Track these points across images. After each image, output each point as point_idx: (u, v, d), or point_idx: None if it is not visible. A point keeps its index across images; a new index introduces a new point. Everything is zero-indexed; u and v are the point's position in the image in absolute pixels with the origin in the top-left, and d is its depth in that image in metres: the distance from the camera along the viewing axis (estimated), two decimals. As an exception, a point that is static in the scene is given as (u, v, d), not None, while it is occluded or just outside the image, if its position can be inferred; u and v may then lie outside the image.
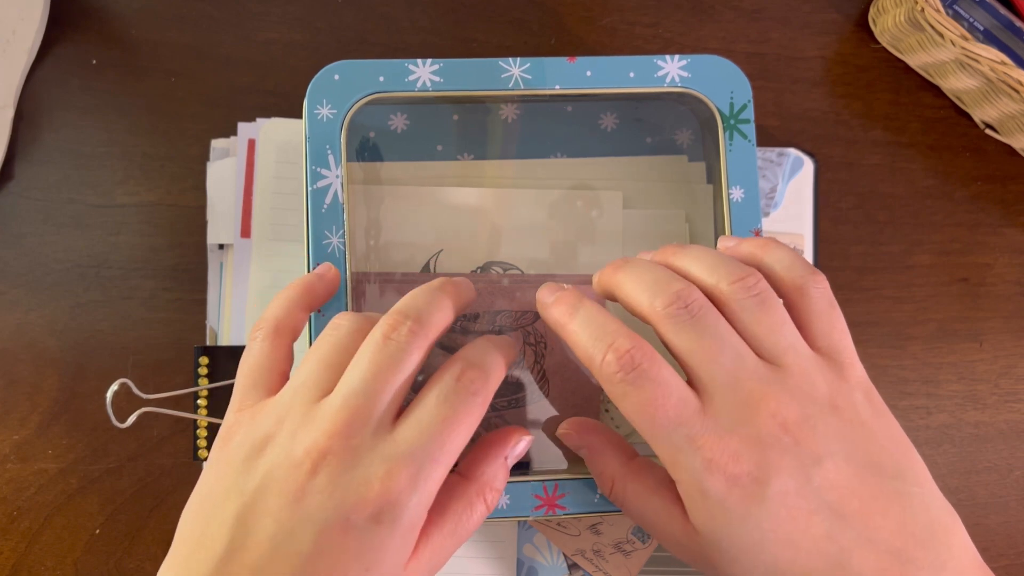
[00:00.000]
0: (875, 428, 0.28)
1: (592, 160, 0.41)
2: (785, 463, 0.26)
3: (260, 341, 0.30)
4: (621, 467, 0.31)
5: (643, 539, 0.41)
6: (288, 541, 0.24)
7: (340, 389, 0.26)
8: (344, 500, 0.25)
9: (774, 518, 0.26)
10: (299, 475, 0.25)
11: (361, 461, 0.25)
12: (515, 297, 0.39)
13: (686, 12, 0.46)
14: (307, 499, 0.25)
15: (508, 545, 0.40)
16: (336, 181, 0.34)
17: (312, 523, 0.24)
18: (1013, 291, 0.45)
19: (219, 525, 0.25)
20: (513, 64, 0.36)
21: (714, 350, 0.27)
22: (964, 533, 0.27)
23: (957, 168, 0.46)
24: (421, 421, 0.26)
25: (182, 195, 0.43)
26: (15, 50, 0.43)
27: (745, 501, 0.26)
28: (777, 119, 0.45)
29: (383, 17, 0.45)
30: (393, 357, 0.27)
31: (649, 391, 0.27)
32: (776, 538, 0.26)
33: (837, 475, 0.26)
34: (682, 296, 0.28)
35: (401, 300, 0.29)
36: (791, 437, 0.26)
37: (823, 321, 0.29)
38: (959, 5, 0.44)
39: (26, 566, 0.41)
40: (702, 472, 0.26)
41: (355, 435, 0.25)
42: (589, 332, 0.29)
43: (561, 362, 0.39)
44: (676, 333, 0.28)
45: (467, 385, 0.27)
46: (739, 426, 0.26)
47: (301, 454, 0.25)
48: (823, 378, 0.28)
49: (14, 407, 0.42)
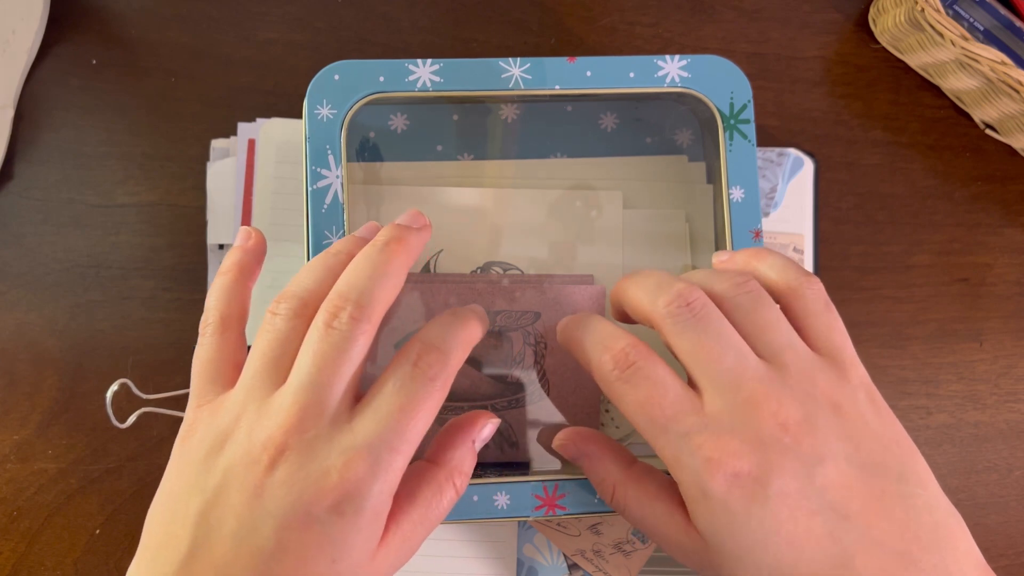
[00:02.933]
0: (878, 429, 0.28)
1: (592, 160, 0.41)
2: (786, 463, 0.26)
3: (209, 336, 0.30)
4: (621, 473, 0.31)
5: (643, 539, 0.41)
6: (250, 537, 0.24)
7: (290, 382, 0.26)
8: (303, 493, 0.24)
9: (775, 518, 0.26)
10: (258, 471, 0.25)
11: (318, 453, 0.25)
12: (515, 297, 0.39)
13: (686, 12, 0.46)
14: (267, 494, 0.25)
15: (508, 545, 0.40)
16: (336, 181, 0.34)
17: (273, 518, 0.24)
18: (1013, 291, 0.45)
19: (182, 524, 0.25)
20: (513, 64, 0.36)
21: (716, 350, 0.27)
22: (968, 536, 0.27)
23: (957, 168, 0.46)
24: (378, 410, 0.26)
25: (182, 195, 0.43)
26: (15, 50, 0.43)
27: (746, 501, 0.26)
28: (777, 119, 0.45)
29: (383, 17, 0.45)
30: (337, 347, 0.26)
31: (646, 389, 0.27)
32: (778, 539, 0.26)
33: (839, 475, 0.26)
34: (683, 295, 0.28)
35: (342, 275, 0.28)
36: (792, 437, 0.26)
37: (820, 322, 0.29)
38: (959, 5, 0.44)
39: (26, 566, 0.41)
40: (702, 471, 0.26)
41: (310, 428, 0.25)
42: (591, 339, 0.29)
43: (561, 362, 0.39)
44: (678, 333, 0.28)
45: (424, 370, 0.27)
46: (740, 426, 0.26)
47: (259, 450, 0.25)
48: (824, 377, 0.28)
49: (14, 407, 0.42)
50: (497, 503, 0.34)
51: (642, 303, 0.29)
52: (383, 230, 0.30)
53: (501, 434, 0.39)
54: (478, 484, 0.34)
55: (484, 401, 0.38)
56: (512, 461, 0.39)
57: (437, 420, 0.39)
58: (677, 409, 0.27)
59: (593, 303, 0.39)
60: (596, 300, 0.39)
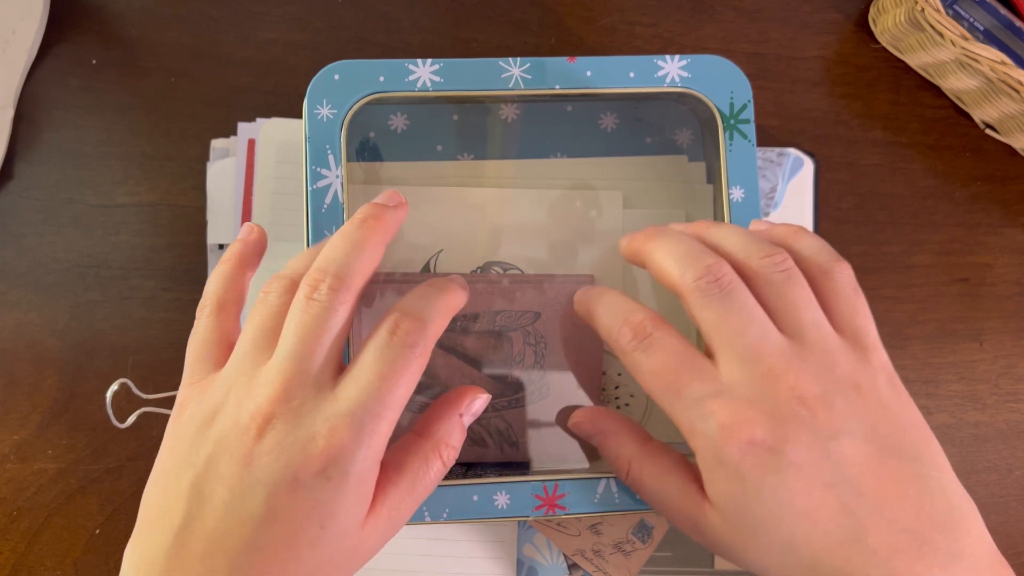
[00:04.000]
0: (896, 411, 0.28)
1: (592, 160, 0.41)
2: (802, 435, 0.26)
3: (205, 317, 0.31)
4: (637, 449, 0.31)
5: (643, 539, 0.41)
6: (241, 505, 0.25)
7: (276, 354, 0.27)
8: (291, 460, 0.25)
9: (789, 489, 0.26)
10: (246, 440, 0.26)
11: (304, 421, 0.26)
12: (515, 297, 0.39)
13: (686, 12, 0.46)
14: (255, 462, 0.25)
15: (508, 545, 0.40)
16: (336, 181, 0.34)
17: (262, 485, 0.25)
18: (1013, 291, 0.45)
19: (176, 497, 0.26)
20: (513, 64, 0.36)
21: (740, 324, 0.27)
22: (981, 521, 0.27)
23: (957, 168, 0.46)
24: (359, 378, 0.27)
25: (182, 195, 0.43)
26: (15, 50, 0.43)
27: (760, 470, 0.26)
28: (777, 119, 0.45)
29: (383, 17, 0.45)
30: (318, 318, 0.27)
31: (662, 357, 0.28)
32: (792, 510, 0.26)
33: (855, 452, 0.26)
34: (713, 270, 0.28)
35: (321, 252, 0.29)
36: (808, 411, 0.26)
37: (847, 305, 0.29)
38: (959, 5, 0.44)
39: (26, 566, 0.41)
40: (718, 439, 0.26)
41: (296, 396, 0.26)
42: (611, 312, 0.30)
43: (561, 362, 0.39)
44: (704, 306, 0.28)
45: (403, 338, 0.27)
46: (756, 396, 0.27)
47: (247, 420, 0.26)
48: (845, 358, 0.28)
49: (14, 407, 0.42)
50: (497, 503, 0.34)
51: (670, 272, 0.29)
52: (360, 209, 0.31)
53: (501, 434, 0.39)
54: (478, 484, 0.34)
55: (484, 401, 0.38)
56: (512, 461, 0.39)
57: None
58: (693, 376, 0.27)
59: (593, 303, 0.39)
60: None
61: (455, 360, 0.39)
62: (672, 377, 0.28)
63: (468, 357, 0.39)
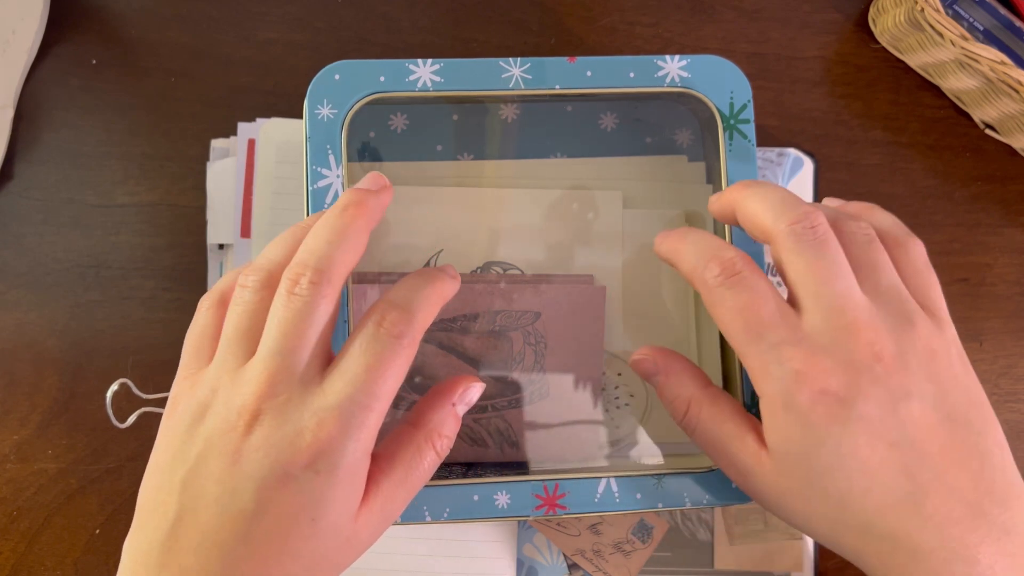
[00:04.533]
0: (965, 384, 0.28)
1: (592, 160, 0.41)
2: (874, 390, 0.26)
3: (204, 311, 0.30)
4: (698, 391, 0.31)
5: (643, 539, 0.41)
6: (232, 501, 0.25)
7: (259, 351, 0.27)
8: (280, 454, 0.25)
9: (854, 443, 0.26)
10: (235, 437, 0.26)
11: (291, 416, 0.26)
12: (514, 298, 0.39)
13: (686, 12, 0.46)
14: (244, 458, 0.25)
15: (508, 545, 0.40)
16: (336, 181, 0.34)
17: (252, 481, 0.25)
18: (1013, 291, 0.45)
19: (168, 492, 0.26)
20: (513, 64, 0.36)
21: (829, 273, 0.28)
22: None
23: (957, 168, 0.46)
24: (347, 371, 0.26)
25: (182, 195, 0.43)
26: (15, 50, 0.43)
27: (828, 420, 0.26)
28: (777, 119, 0.45)
29: (383, 17, 0.45)
30: (300, 312, 0.27)
31: (747, 295, 0.28)
32: (854, 464, 0.26)
33: (923, 415, 0.26)
34: (809, 216, 0.28)
35: (303, 244, 0.29)
36: (884, 368, 0.27)
37: (921, 278, 0.30)
38: (959, 5, 0.44)
39: (26, 566, 0.41)
40: (790, 383, 0.26)
41: (281, 392, 0.26)
42: (697, 248, 0.30)
43: (561, 362, 0.39)
44: (796, 252, 0.28)
45: (389, 329, 0.27)
46: (834, 347, 0.27)
47: (235, 417, 0.26)
48: (922, 325, 0.28)
49: (14, 407, 0.42)
50: (497, 503, 0.34)
51: (764, 218, 0.29)
52: (343, 195, 0.30)
53: (501, 434, 0.39)
54: (478, 484, 0.34)
55: (484, 401, 0.38)
56: (512, 461, 0.39)
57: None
58: (775, 319, 0.27)
59: (593, 303, 0.39)
60: (596, 300, 0.39)
61: (455, 360, 0.39)
62: (754, 318, 0.27)
63: (468, 357, 0.39)
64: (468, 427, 0.39)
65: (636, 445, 0.39)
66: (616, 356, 0.39)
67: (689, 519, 0.41)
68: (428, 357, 0.38)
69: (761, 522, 0.41)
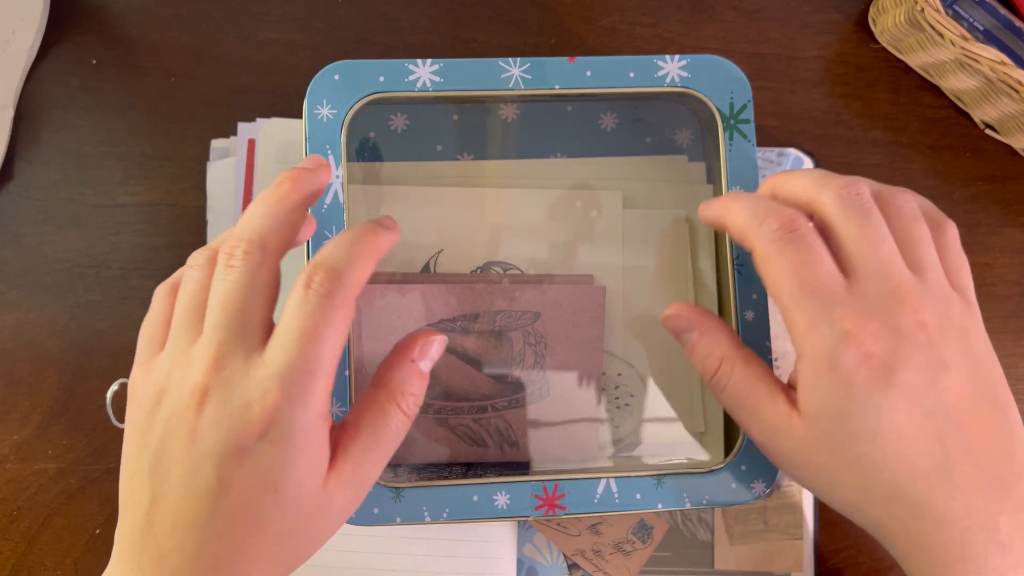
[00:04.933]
0: (991, 366, 0.29)
1: (592, 160, 0.41)
2: (916, 358, 0.27)
3: (159, 300, 0.31)
4: (732, 349, 0.31)
5: (643, 539, 0.41)
6: (195, 480, 0.26)
7: (204, 327, 0.27)
8: (232, 429, 0.26)
9: (893, 408, 0.27)
10: (189, 417, 0.26)
11: (237, 390, 0.26)
12: (515, 297, 0.39)
13: (686, 12, 0.46)
14: (200, 436, 0.26)
15: (508, 545, 0.40)
16: (336, 181, 0.34)
17: (210, 458, 0.26)
18: (1013, 291, 0.45)
19: (140, 480, 0.27)
20: (513, 64, 0.36)
21: (876, 239, 0.28)
22: None
23: (957, 168, 0.46)
24: (283, 338, 0.26)
25: (182, 195, 0.43)
26: (15, 50, 0.43)
27: (870, 383, 0.27)
28: (777, 119, 0.45)
29: (383, 17, 0.45)
30: (236, 283, 0.27)
31: (804, 251, 0.28)
32: (890, 429, 0.27)
33: (958, 387, 0.27)
34: (856, 184, 0.29)
35: (239, 220, 0.29)
36: (926, 336, 0.27)
37: (955, 260, 0.30)
38: (959, 5, 0.44)
39: (26, 566, 0.41)
40: (838, 343, 0.27)
41: (227, 366, 0.26)
42: (753, 208, 0.30)
43: (561, 361, 0.39)
44: (843, 216, 0.29)
45: (317, 290, 0.27)
46: (881, 312, 0.27)
47: (187, 397, 0.26)
48: (957, 303, 0.29)
49: (14, 407, 0.42)
50: (497, 503, 0.34)
51: (807, 190, 0.30)
52: (280, 173, 0.30)
53: (501, 434, 0.39)
54: (478, 484, 0.34)
55: (484, 401, 0.38)
56: (512, 461, 0.39)
57: (438, 420, 0.39)
58: (828, 279, 0.28)
59: (593, 303, 0.39)
60: (596, 300, 0.39)
61: (455, 360, 0.39)
62: (810, 275, 0.28)
63: (468, 357, 0.39)
64: (468, 427, 0.39)
65: (636, 445, 0.39)
66: (616, 356, 0.39)
67: (689, 519, 0.41)
68: (428, 357, 0.38)
69: (761, 522, 0.41)
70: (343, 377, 0.34)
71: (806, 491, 0.42)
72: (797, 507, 0.41)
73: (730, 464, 0.35)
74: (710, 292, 0.39)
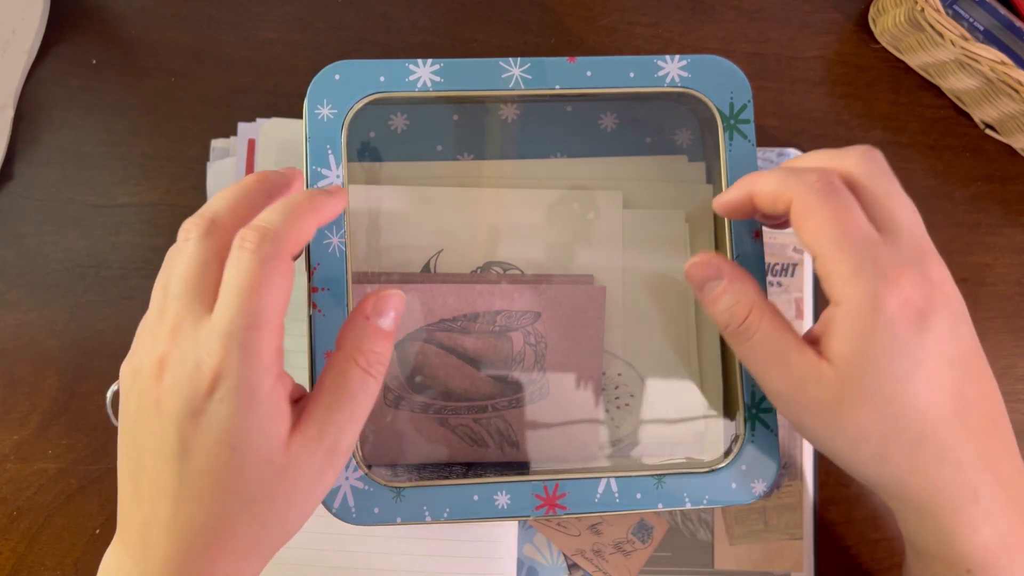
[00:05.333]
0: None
1: (592, 160, 0.41)
2: (943, 309, 0.28)
3: None
4: (760, 299, 0.31)
5: (643, 539, 0.41)
6: (163, 446, 0.27)
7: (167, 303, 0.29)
8: (185, 391, 0.26)
9: (926, 354, 0.28)
10: (154, 385, 0.27)
11: (188, 353, 0.27)
12: (515, 297, 0.39)
13: (686, 12, 0.46)
14: (163, 403, 0.27)
15: (508, 545, 0.40)
16: (337, 181, 0.34)
17: (172, 422, 0.27)
18: (1013, 291, 0.45)
19: (127, 456, 0.28)
20: (513, 64, 0.36)
21: (903, 200, 0.30)
22: None
23: (957, 168, 0.46)
24: (224, 298, 0.27)
25: (182, 195, 0.43)
26: (15, 50, 0.43)
27: (908, 328, 0.28)
28: (777, 119, 0.45)
29: (383, 17, 0.45)
30: (184, 253, 0.28)
31: (845, 201, 0.29)
32: (922, 374, 0.28)
33: (970, 340, 0.30)
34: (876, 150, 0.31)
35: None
36: (948, 289, 0.29)
37: None
38: (959, 5, 0.44)
39: (26, 566, 0.41)
40: (882, 287, 0.28)
41: (179, 332, 0.27)
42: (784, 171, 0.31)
43: (561, 361, 0.39)
44: (873, 176, 0.30)
45: (248, 247, 0.27)
46: (914, 263, 0.29)
47: (151, 367, 0.27)
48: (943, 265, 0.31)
49: (14, 407, 0.42)
50: (497, 503, 0.34)
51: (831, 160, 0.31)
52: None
53: (501, 434, 0.39)
54: (478, 484, 0.34)
55: (484, 401, 0.39)
56: (512, 461, 0.39)
57: (445, 429, 0.39)
58: (868, 230, 0.29)
59: (593, 303, 0.39)
60: (596, 300, 0.39)
61: (455, 360, 0.39)
62: (852, 223, 0.28)
63: (468, 357, 0.39)
64: (468, 427, 0.39)
65: (636, 445, 0.39)
66: (616, 356, 0.40)
67: (689, 519, 0.41)
68: (428, 357, 0.38)
69: (761, 522, 0.41)
70: (343, 377, 0.33)
71: (806, 491, 0.42)
72: (797, 507, 0.41)
73: (730, 464, 0.35)
74: (710, 292, 0.39)
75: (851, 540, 0.42)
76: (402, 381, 0.38)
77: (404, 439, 0.38)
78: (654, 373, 0.40)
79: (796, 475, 0.42)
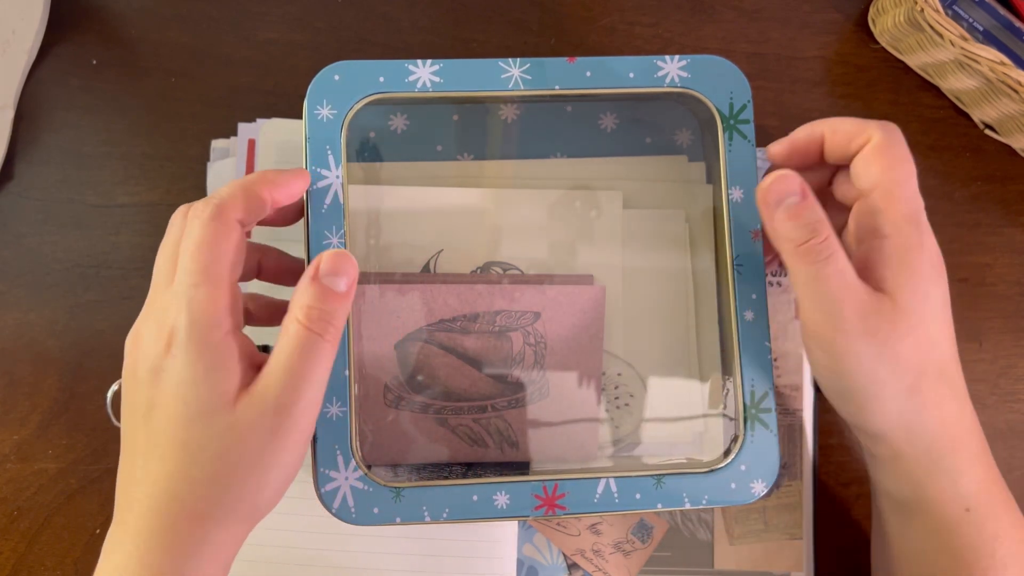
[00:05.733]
0: None
1: (592, 160, 0.41)
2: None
3: None
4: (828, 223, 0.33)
5: (643, 539, 0.41)
6: (135, 408, 0.29)
7: None
8: (150, 352, 0.29)
9: (944, 293, 0.32)
10: (136, 354, 0.30)
11: (157, 317, 0.29)
12: (515, 297, 0.39)
13: (686, 12, 0.46)
14: (137, 368, 0.29)
15: (508, 545, 0.40)
16: (336, 181, 0.34)
17: (142, 384, 0.29)
18: (1013, 291, 0.45)
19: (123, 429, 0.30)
20: (513, 64, 0.36)
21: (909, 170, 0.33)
22: None
23: (957, 168, 0.46)
24: (180, 263, 0.29)
25: (182, 195, 0.43)
26: (15, 50, 0.43)
27: (939, 270, 0.32)
28: (777, 119, 0.45)
29: (383, 17, 0.45)
30: (170, 235, 0.31)
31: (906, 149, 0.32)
32: (946, 311, 0.32)
33: None
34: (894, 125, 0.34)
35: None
36: None
37: None
38: (959, 5, 0.44)
39: (26, 566, 0.41)
40: (926, 233, 0.32)
41: (151, 303, 0.30)
42: (856, 118, 0.33)
43: (561, 361, 0.39)
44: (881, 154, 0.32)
45: (195, 214, 0.30)
46: None
47: (132, 340, 0.30)
48: None
49: (14, 407, 0.42)
50: (497, 503, 0.34)
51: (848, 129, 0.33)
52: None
53: (501, 434, 0.39)
54: (478, 484, 0.34)
55: (484, 401, 0.39)
56: (512, 461, 0.39)
57: (445, 422, 0.39)
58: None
59: (593, 303, 0.39)
60: (596, 300, 0.39)
61: (455, 360, 0.39)
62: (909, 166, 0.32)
63: (468, 357, 0.39)
64: (468, 427, 0.39)
65: (636, 445, 0.39)
66: (616, 356, 0.40)
67: (689, 519, 0.41)
68: (428, 357, 0.38)
69: (761, 522, 0.41)
70: (343, 376, 0.33)
71: (806, 491, 0.42)
72: (797, 507, 0.41)
73: (730, 464, 0.35)
74: (710, 292, 0.39)
75: (851, 540, 0.42)
76: (402, 381, 0.38)
77: (404, 439, 0.38)
78: (654, 373, 0.40)
79: (796, 475, 0.42)
